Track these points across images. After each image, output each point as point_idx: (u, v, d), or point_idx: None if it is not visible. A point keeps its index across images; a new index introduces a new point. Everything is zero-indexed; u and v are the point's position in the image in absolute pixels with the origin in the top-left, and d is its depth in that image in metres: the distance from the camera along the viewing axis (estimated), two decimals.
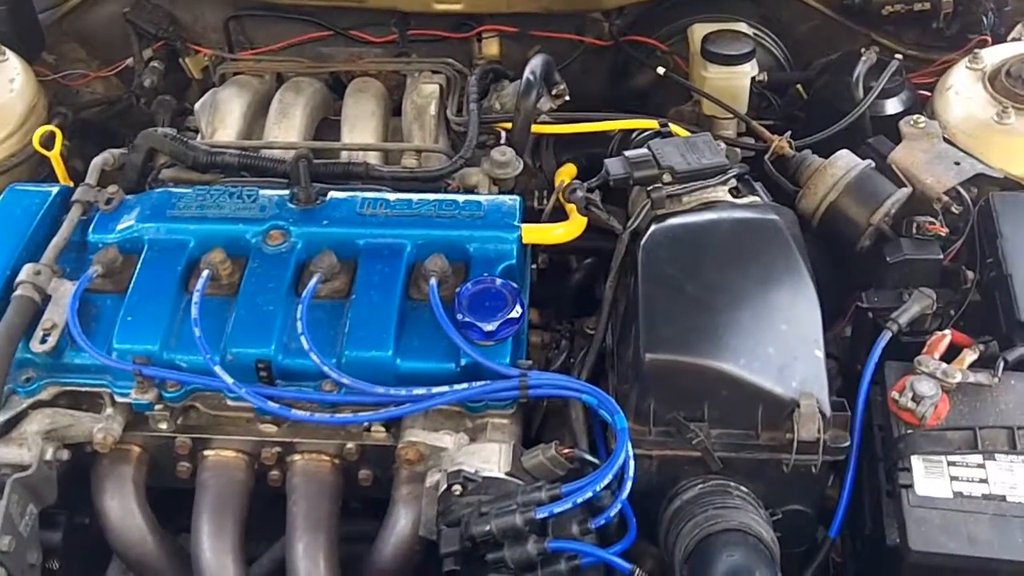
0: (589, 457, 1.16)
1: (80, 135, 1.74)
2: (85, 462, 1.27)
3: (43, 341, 1.22)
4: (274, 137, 1.59)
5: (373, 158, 1.56)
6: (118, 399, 1.23)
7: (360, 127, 1.61)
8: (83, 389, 1.25)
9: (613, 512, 1.11)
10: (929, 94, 1.69)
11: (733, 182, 1.41)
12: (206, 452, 1.27)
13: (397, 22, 1.89)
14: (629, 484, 1.11)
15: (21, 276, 1.25)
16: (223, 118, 1.63)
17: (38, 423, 1.22)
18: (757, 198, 1.42)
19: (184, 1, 1.93)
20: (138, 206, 1.38)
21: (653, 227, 1.32)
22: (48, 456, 1.21)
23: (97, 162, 1.48)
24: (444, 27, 1.89)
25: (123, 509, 1.26)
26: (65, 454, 1.23)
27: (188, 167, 1.50)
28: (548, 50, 1.77)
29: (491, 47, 1.90)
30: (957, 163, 1.46)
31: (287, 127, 1.61)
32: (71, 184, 1.51)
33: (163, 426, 1.24)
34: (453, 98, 1.64)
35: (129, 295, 1.26)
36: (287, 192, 1.38)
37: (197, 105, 1.69)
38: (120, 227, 1.35)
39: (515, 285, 1.25)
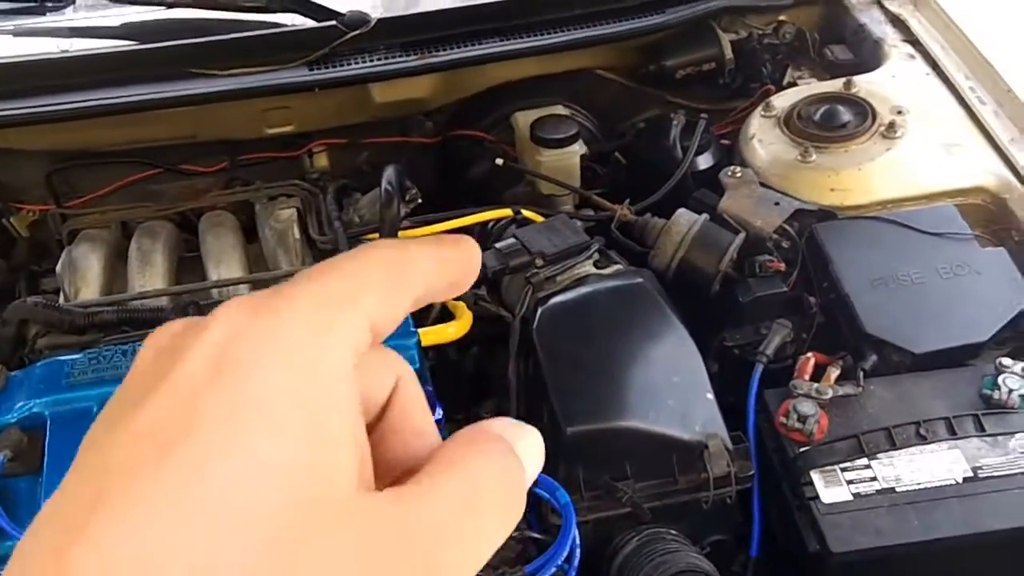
0: (535, 535, 1.24)
1: None
2: None
3: None
4: (140, 286, 1.59)
5: (244, 290, 1.59)
6: None
7: (226, 262, 1.64)
8: None
9: None
10: (730, 143, 1.89)
11: (596, 255, 1.54)
12: None
13: (226, 150, 1.92)
14: (579, 554, 1.19)
15: None
16: (83, 276, 1.61)
17: None
18: (619, 265, 1.55)
19: (1, 161, 1.88)
20: (27, 381, 1.35)
21: (540, 310, 1.43)
22: None
23: None
24: (274, 148, 1.93)
25: None
26: None
27: (64, 332, 1.48)
28: (377, 155, 1.87)
29: (321, 160, 1.95)
30: (777, 203, 1.64)
31: (152, 274, 1.61)
32: None
33: None
34: (312, 218, 1.69)
35: (45, 475, 1.24)
36: None
37: (58, 267, 1.66)
38: (16, 406, 1.32)
39: (429, 388, 1.32)
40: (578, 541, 1.19)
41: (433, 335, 1.44)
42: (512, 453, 0.40)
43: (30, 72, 1.78)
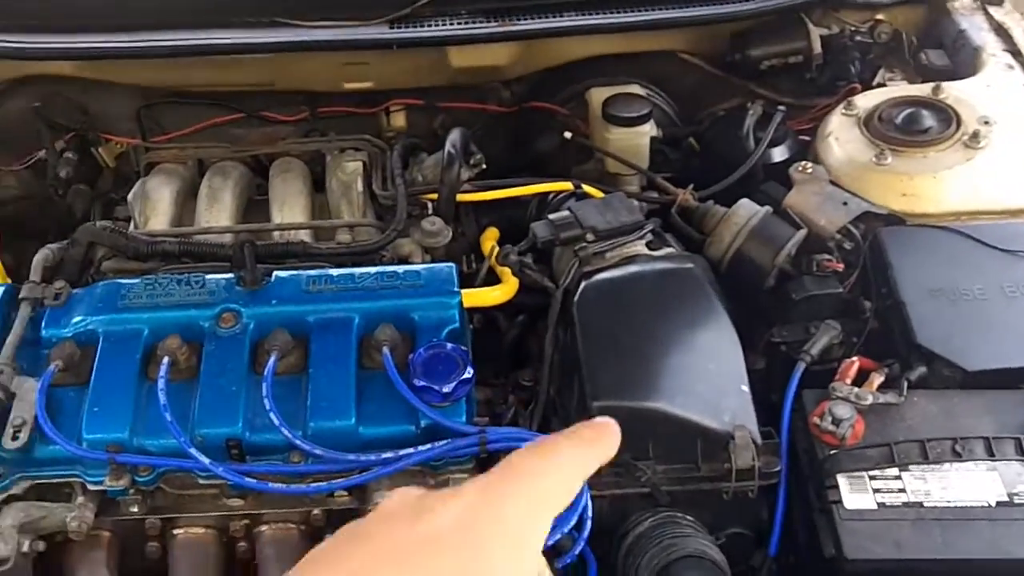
0: None
1: (1, 232, 1.76)
2: (56, 551, 1.29)
3: (15, 438, 1.24)
4: (206, 222, 1.65)
5: (306, 236, 1.63)
6: (90, 487, 1.26)
7: (290, 206, 1.68)
8: (52, 481, 1.28)
9: (576, 552, 1.20)
10: (809, 139, 1.86)
11: (649, 236, 1.53)
12: (175, 531, 1.31)
13: (307, 101, 1.96)
14: (589, 524, 1.20)
15: None
16: (154, 207, 1.68)
17: (12, 517, 1.25)
18: (671, 249, 1.54)
19: (95, 93, 1.95)
20: (87, 299, 1.41)
21: (584, 284, 1.43)
22: (25, 548, 1.23)
23: (39, 259, 1.50)
24: (352, 103, 1.97)
25: None
26: (40, 545, 1.26)
27: (128, 258, 1.54)
28: (452, 119, 1.89)
29: (398, 119, 1.99)
30: (845, 203, 1.61)
31: (218, 211, 1.66)
32: (9, 281, 1.53)
33: (134, 509, 1.28)
34: (376, 173, 1.72)
35: (92, 387, 1.30)
36: (232, 275, 1.43)
37: (129, 196, 1.73)
38: (73, 321, 1.38)
39: (464, 348, 1.33)
40: (589, 513, 1.19)
41: (476, 297, 1.46)
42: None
43: (127, 9, 1.85)
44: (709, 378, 1.35)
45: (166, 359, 1.30)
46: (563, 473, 0.56)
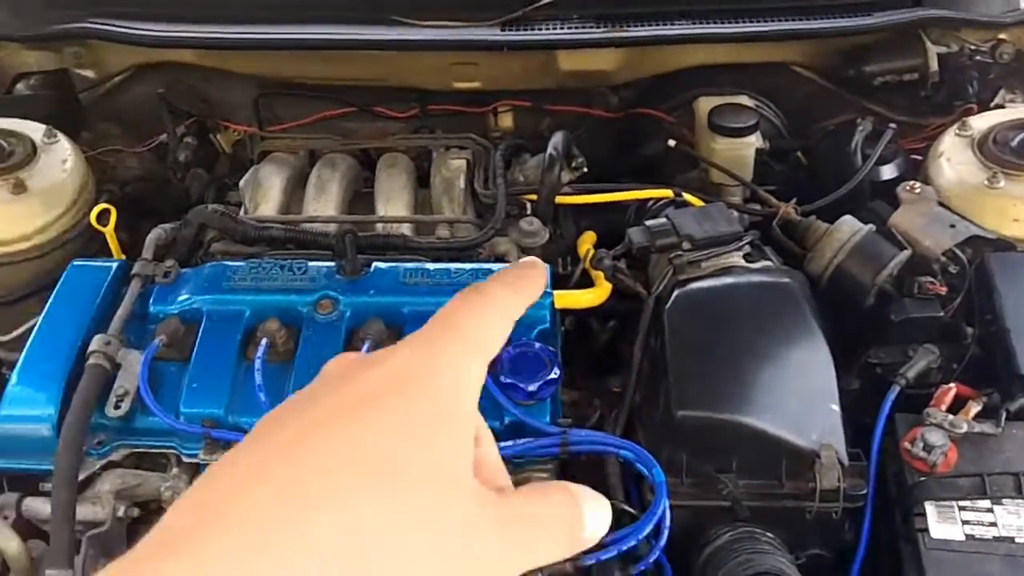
0: (628, 508, 1.25)
1: (122, 210, 1.83)
2: (149, 519, 1.35)
3: (117, 407, 1.30)
4: (313, 211, 1.69)
5: (407, 230, 1.67)
6: (184, 459, 1.31)
7: (394, 200, 1.72)
8: (150, 451, 1.33)
9: (651, 559, 1.20)
10: (920, 159, 1.81)
11: (747, 248, 1.52)
12: None
13: (418, 99, 2.00)
14: (666, 533, 1.20)
15: (93, 346, 1.34)
16: (265, 194, 1.73)
17: (110, 483, 1.30)
18: (769, 262, 1.53)
19: (215, 81, 2.03)
20: (194, 279, 1.47)
21: (677, 292, 1.43)
22: (120, 514, 1.29)
23: (152, 237, 1.57)
24: (461, 103, 2.00)
25: None
26: (135, 511, 1.31)
27: (236, 241, 1.59)
28: (558, 122, 1.90)
29: (506, 120, 2.01)
30: (952, 226, 1.57)
31: (325, 202, 1.71)
32: (124, 258, 1.60)
33: None
34: (479, 172, 1.75)
35: (193, 363, 1.35)
36: (333, 264, 1.47)
37: (241, 182, 1.79)
38: (180, 299, 1.44)
39: (552, 348, 1.34)
40: (667, 522, 1.20)
41: (568, 299, 1.47)
42: (578, 506, 0.54)
43: (249, 3, 1.91)
44: (799, 395, 1.33)
45: (264, 341, 1.34)
46: (492, 318, 0.56)
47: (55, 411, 1.30)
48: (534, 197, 1.67)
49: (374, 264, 1.48)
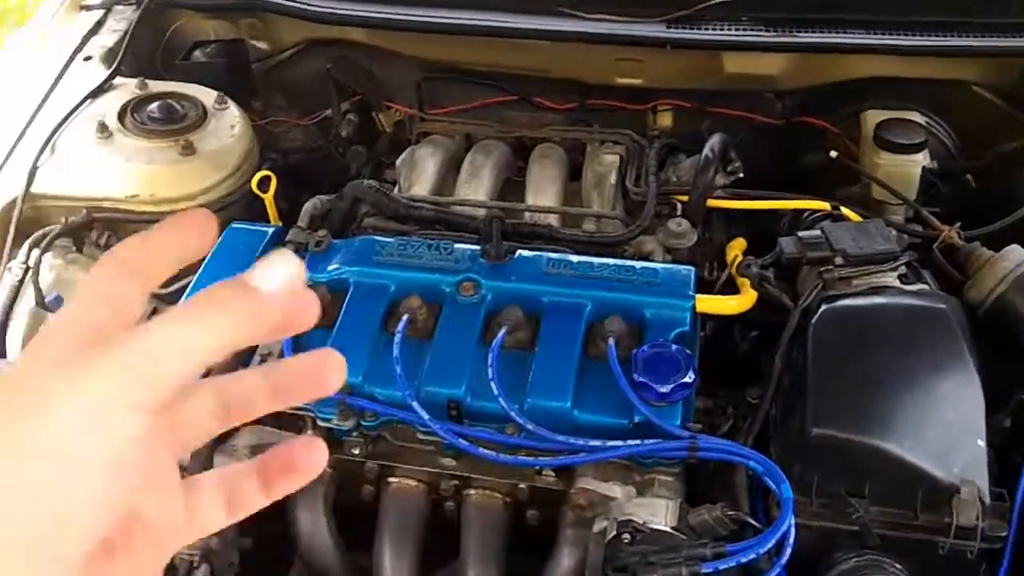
0: (752, 521, 1.22)
1: (282, 178, 1.89)
2: None
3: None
4: (465, 195, 1.72)
5: (554, 220, 1.67)
6: (319, 423, 1.35)
7: (544, 191, 1.72)
8: (289, 412, 1.38)
9: (772, 575, 1.17)
10: None
11: (903, 268, 1.46)
12: (391, 479, 1.38)
13: (578, 92, 2.00)
14: (789, 551, 1.17)
15: None
16: (420, 174, 1.77)
17: (247, 438, 1.36)
18: (925, 286, 1.47)
19: (381, 61, 2.07)
20: (345, 250, 1.51)
21: (824, 307, 1.39)
22: None
23: (308, 207, 1.62)
24: (621, 98, 1.99)
25: (314, 522, 1.38)
26: None
27: (388, 217, 1.63)
28: (719, 125, 1.87)
29: (665, 119, 1.99)
30: None
31: (476, 186, 1.73)
32: (281, 225, 1.66)
33: (356, 451, 1.36)
34: (632, 168, 1.74)
35: (336, 331, 1.39)
36: (478, 247, 1.49)
37: (398, 161, 1.83)
38: (329, 268, 1.48)
39: (688, 351, 1.33)
40: (791, 540, 1.17)
41: (711, 303, 1.45)
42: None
43: None
44: (944, 426, 1.28)
45: (405, 316, 1.37)
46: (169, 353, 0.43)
47: None
48: (685, 198, 1.65)
49: (518, 251, 1.49)
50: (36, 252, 1.61)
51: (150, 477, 0.45)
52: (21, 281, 1.58)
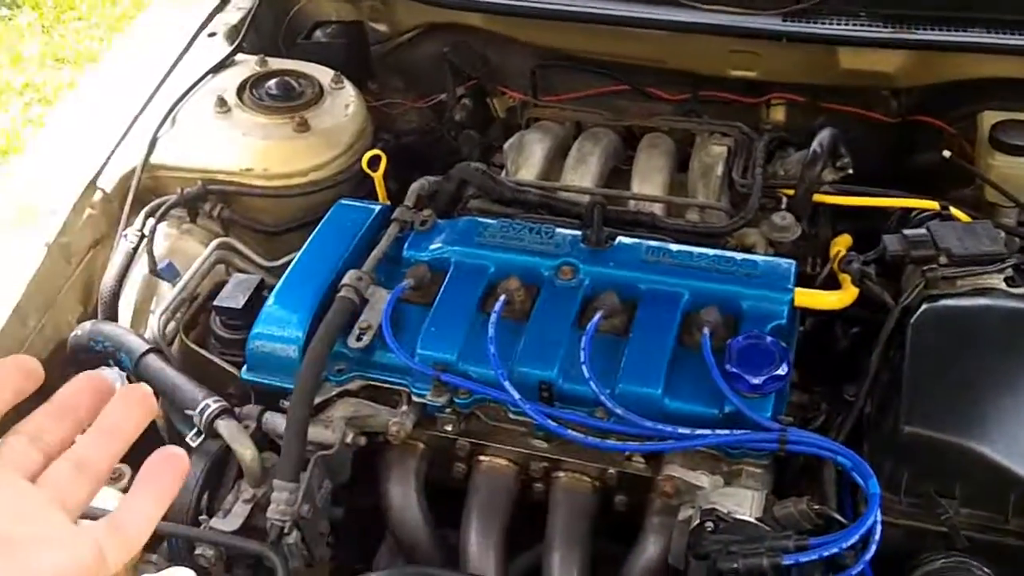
0: (838, 516, 1.22)
1: (394, 159, 1.94)
2: (374, 450, 1.44)
3: (359, 339, 1.40)
4: (570, 180, 1.74)
5: (657, 209, 1.68)
6: (414, 398, 1.40)
7: (650, 180, 1.73)
8: (385, 385, 1.42)
9: (855, 572, 1.16)
10: None
11: (1009, 271, 1.43)
12: (481, 457, 1.42)
13: (691, 83, 2.00)
14: (874, 548, 1.16)
15: (346, 280, 1.44)
16: (527, 159, 1.80)
17: (343, 410, 1.41)
18: None
19: (497, 47, 2.10)
20: (448, 230, 1.55)
21: (925, 306, 1.37)
22: (348, 440, 1.39)
23: (415, 187, 1.66)
24: (734, 91, 1.98)
25: (404, 496, 1.42)
26: (362, 440, 1.41)
27: (493, 200, 1.67)
28: (832, 121, 1.84)
29: (778, 113, 1.98)
30: None
31: (583, 173, 1.75)
32: (389, 203, 1.71)
33: (448, 428, 1.39)
34: (739, 160, 1.73)
35: (435, 308, 1.43)
36: (579, 232, 1.51)
37: (506, 145, 1.86)
38: (432, 247, 1.52)
39: (784, 344, 1.32)
40: (877, 536, 1.16)
41: (811, 298, 1.44)
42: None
43: None
44: None
45: (503, 297, 1.40)
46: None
47: (303, 335, 1.41)
48: (791, 192, 1.64)
49: (619, 238, 1.51)
50: (151, 221, 1.69)
51: None
52: (135, 248, 1.66)
